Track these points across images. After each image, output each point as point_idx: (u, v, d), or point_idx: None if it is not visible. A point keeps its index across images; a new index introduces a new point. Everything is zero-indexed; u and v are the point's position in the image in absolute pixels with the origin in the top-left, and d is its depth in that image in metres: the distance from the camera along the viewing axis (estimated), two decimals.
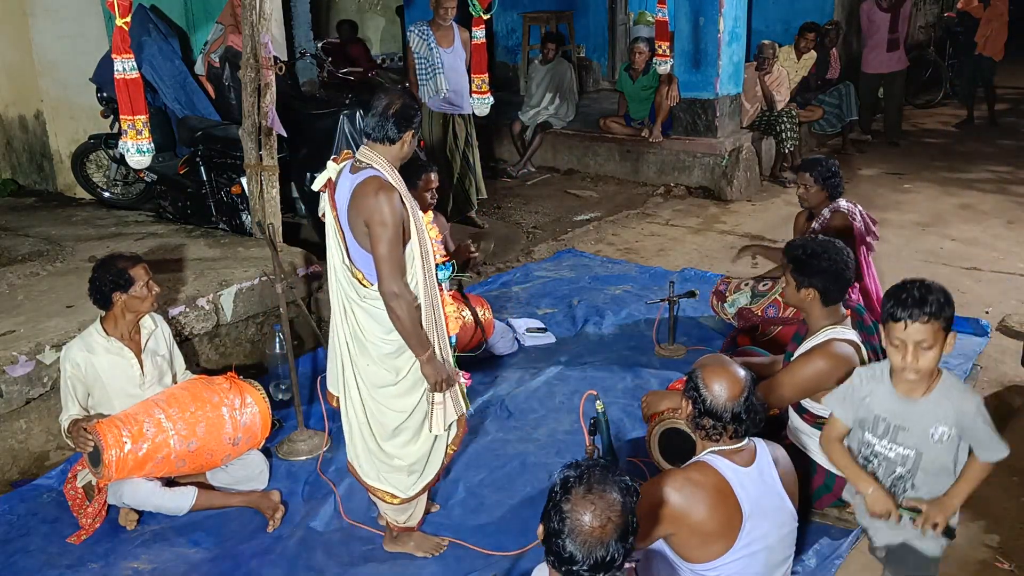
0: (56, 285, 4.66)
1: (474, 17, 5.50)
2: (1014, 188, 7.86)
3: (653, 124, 8.14)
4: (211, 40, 6.70)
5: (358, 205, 2.81)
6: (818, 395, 3.16)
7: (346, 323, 2.98)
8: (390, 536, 3.28)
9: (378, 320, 2.90)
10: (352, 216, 2.85)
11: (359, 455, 3.13)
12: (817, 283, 3.13)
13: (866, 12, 9.18)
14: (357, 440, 3.11)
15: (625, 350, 4.88)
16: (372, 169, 2.86)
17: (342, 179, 2.93)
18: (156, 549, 3.34)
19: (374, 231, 2.78)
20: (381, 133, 2.87)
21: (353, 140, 5.74)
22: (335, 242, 2.95)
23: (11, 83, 6.83)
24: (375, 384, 2.99)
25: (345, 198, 2.88)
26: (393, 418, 3.01)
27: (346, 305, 2.97)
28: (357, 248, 2.89)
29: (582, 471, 1.94)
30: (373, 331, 2.92)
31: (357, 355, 2.99)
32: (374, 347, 2.94)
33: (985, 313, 5.16)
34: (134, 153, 3.94)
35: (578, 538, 1.86)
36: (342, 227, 2.91)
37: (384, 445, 3.05)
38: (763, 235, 6.77)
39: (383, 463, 3.07)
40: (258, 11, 5.01)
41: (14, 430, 3.90)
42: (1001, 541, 3.26)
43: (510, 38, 11.11)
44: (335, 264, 2.97)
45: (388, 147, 2.89)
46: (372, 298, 2.89)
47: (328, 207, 2.95)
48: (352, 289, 2.93)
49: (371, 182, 2.81)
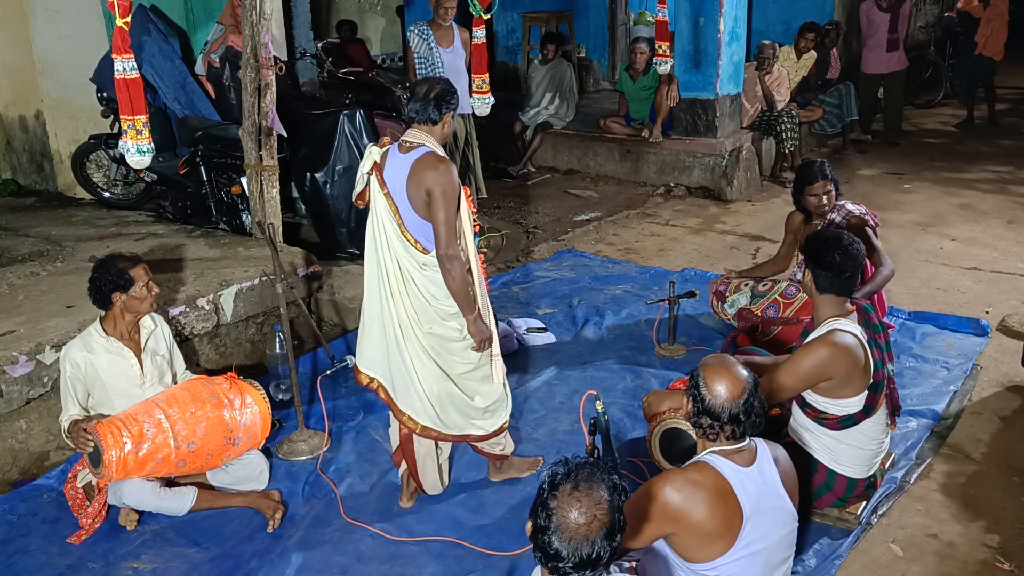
0: (56, 285, 4.66)
1: (474, 17, 5.50)
2: (1014, 188, 7.86)
3: (653, 124, 8.14)
4: (211, 40, 6.70)
5: (420, 177, 3.09)
6: (820, 388, 3.17)
7: (406, 293, 3.23)
8: (494, 468, 3.67)
9: (439, 284, 3.20)
10: (412, 189, 3.11)
11: (445, 410, 3.34)
12: (812, 268, 3.20)
13: (865, 12, 9.18)
14: (437, 397, 3.32)
15: (625, 350, 4.88)
16: (425, 146, 3.16)
17: (390, 160, 3.20)
18: (156, 549, 3.34)
19: (436, 199, 3.07)
20: (425, 115, 3.18)
21: (353, 140, 5.74)
22: (388, 219, 3.20)
23: (11, 83, 6.83)
24: (445, 339, 3.28)
25: (399, 175, 3.14)
26: (463, 368, 3.33)
27: (404, 277, 3.22)
28: (415, 219, 3.16)
29: (570, 468, 1.97)
30: (436, 295, 3.22)
31: (422, 320, 3.25)
32: (438, 310, 3.23)
33: (985, 313, 5.16)
34: (134, 153, 3.94)
35: (564, 535, 1.89)
36: (395, 203, 3.16)
37: (466, 389, 3.34)
38: (763, 235, 6.77)
39: (469, 407, 3.37)
40: (258, 11, 5.01)
41: (14, 430, 3.90)
42: (1001, 541, 3.26)
43: (510, 38, 11.12)
44: (387, 241, 3.21)
45: (432, 127, 3.21)
46: (432, 265, 3.18)
47: (378, 187, 3.21)
48: (411, 258, 3.20)
49: (430, 156, 3.12)
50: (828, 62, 9.05)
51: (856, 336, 3.15)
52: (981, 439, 3.93)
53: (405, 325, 3.27)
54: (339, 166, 5.71)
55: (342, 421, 4.22)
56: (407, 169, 3.13)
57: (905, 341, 4.82)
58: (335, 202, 5.74)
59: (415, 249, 3.18)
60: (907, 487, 3.57)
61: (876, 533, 3.31)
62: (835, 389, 3.16)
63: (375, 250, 3.27)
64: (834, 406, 3.19)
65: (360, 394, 4.47)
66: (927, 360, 4.62)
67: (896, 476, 3.61)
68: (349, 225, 5.80)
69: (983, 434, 3.97)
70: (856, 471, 3.27)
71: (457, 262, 3.13)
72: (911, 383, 4.37)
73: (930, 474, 3.67)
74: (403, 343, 3.29)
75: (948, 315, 5.10)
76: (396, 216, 3.18)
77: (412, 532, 3.39)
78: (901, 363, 4.53)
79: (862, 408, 3.18)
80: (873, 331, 3.26)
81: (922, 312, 5.18)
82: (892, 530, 3.33)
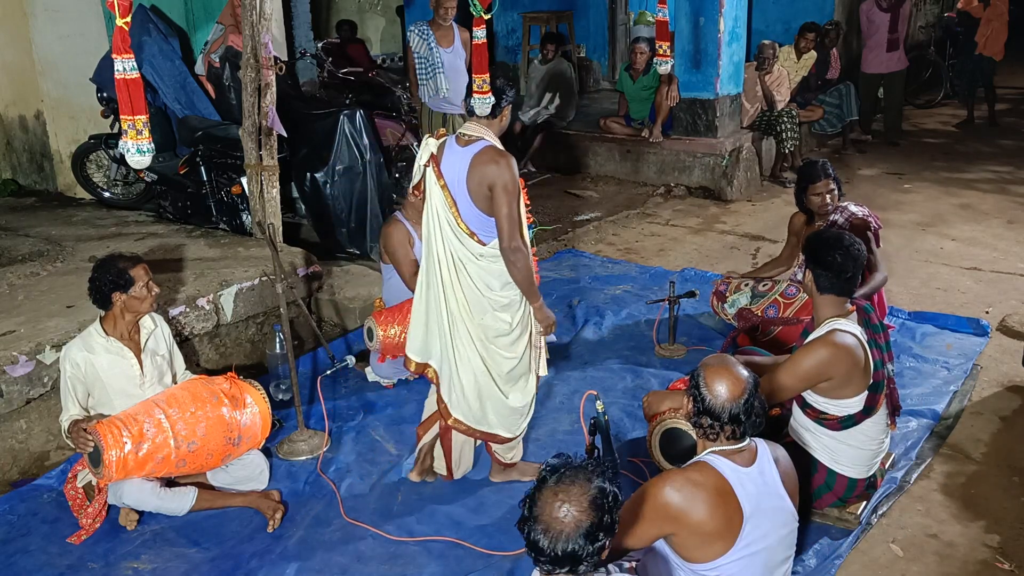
0: (56, 285, 4.66)
1: (474, 17, 5.49)
2: (1014, 188, 7.86)
3: (653, 124, 8.14)
4: (211, 40, 6.70)
5: (482, 172, 3.13)
6: (820, 388, 3.17)
7: (459, 284, 3.26)
8: (498, 469, 3.66)
9: (493, 275, 3.25)
10: (473, 183, 3.15)
11: (480, 406, 3.38)
12: (813, 268, 3.19)
13: (865, 12, 9.18)
14: (475, 392, 3.36)
15: (625, 350, 4.88)
16: (484, 140, 3.21)
17: (448, 152, 3.24)
18: (156, 549, 3.34)
19: (499, 194, 3.11)
20: (484, 109, 3.28)
21: (353, 140, 5.74)
22: (443, 210, 3.21)
23: (11, 83, 6.83)
24: (493, 334, 3.30)
25: (458, 168, 3.18)
26: (508, 364, 3.36)
27: (456, 267, 3.25)
28: (473, 211, 3.19)
29: (561, 463, 2.02)
30: (491, 285, 3.26)
31: (473, 311, 3.28)
32: (490, 301, 3.26)
33: (985, 313, 5.16)
34: (134, 153, 3.93)
35: (540, 526, 1.95)
36: (452, 195, 3.20)
37: (504, 389, 3.38)
38: (763, 235, 6.78)
39: (503, 406, 3.40)
40: (258, 11, 5.01)
41: (14, 430, 3.90)
42: (1001, 541, 3.26)
43: (510, 38, 11.11)
44: (441, 231, 3.23)
45: (491, 121, 3.29)
46: (488, 256, 3.22)
47: (434, 179, 3.23)
48: (465, 249, 3.22)
49: (490, 151, 3.17)
50: (828, 62, 9.05)
51: (856, 336, 3.15)
52: (981, 439, 3.93)
53: (455, 316, 3.30)
54: (339, 166, 5.71)
55: (342, 421, 4.22)
56: (467, 162, 3.17)
57: (905, 341, 4.82)
58: (335, 202, 5.74)
59: (472, 240, 3.21)
60: (907, 487, 3.57)
61: (876, 533, 3.31)
62: (835, 389, 3.16)
63: (429, 240, 3.30)
64: (834, 406, 3.19)
65: (360, 394, 4.48)
66: (927, 360, 4.62)
67: (896, 476, 3.61)
68: (349, 225, 5.80)
69: (983, 434, 3.97)
70: (856, 471, 3.27)
71: (521, 254, 3.18)
72: (911, 383, 4.37)
73: (930, 474, 3.67)
74: (451, 334, 3.33)
75: (948, 315, 5.10)
76: (453, 208, 3.21)
77: (412, 532, 3.39)
78: (901, 363, 4.53)
79: (862, 408, 3.18)
80: (873, 331, 3.26)
81: (922, 312, 5.18)
82: (892, 530, 3.33)
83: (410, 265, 4.54)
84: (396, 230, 4.54)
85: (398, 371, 4.53)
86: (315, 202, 5.83)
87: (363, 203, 5.79)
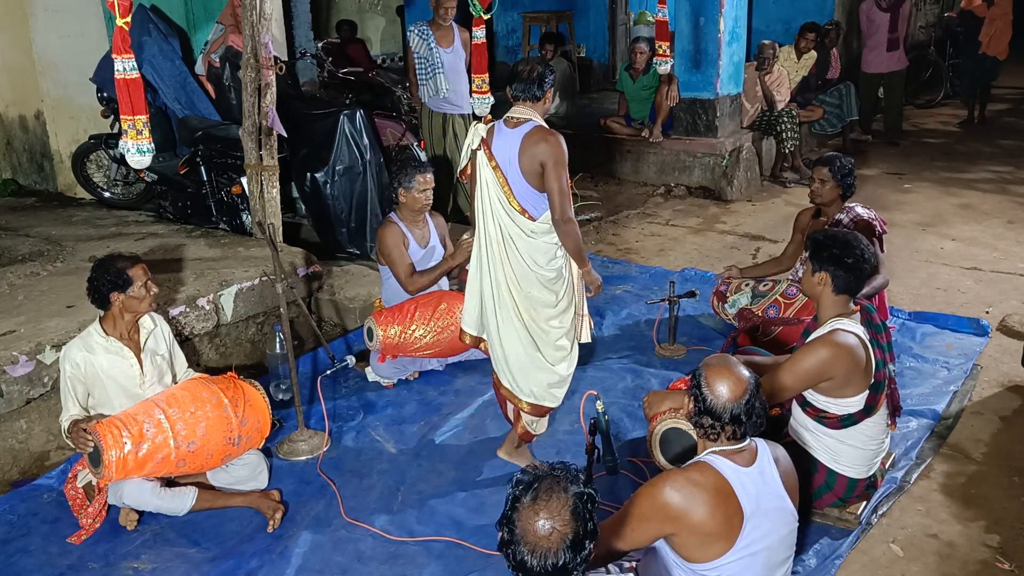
0: (56, 285, 4.66)
1: (474, 17, 5.50)
2: (1014, 188, 7.86)
3: (653, 124, 8.14)
4: (211, 40, 6.70)
5: (533, 150, 3.32)
6: (821, 387, 3.16)
7: (507, 260, 3.44)
8: (511, 447, 3.82)
9: (540, 251, 3.43)
10: (525, 162, 3.33)
11: (527, 377, 3.55)
12: (831, 269, 3.17)
13: (865, 12, 9.18)
14: (519, 364, 3.54)
15: (625, 350, 4.88)
16: (532, 121, 3.39)
17: (498, 136, 3.43)
18: (156, 549, 3.34)
19: (551, 169, 3.30)
20: (529, 93, 3.41)
21: (353, 140, 5.73)
22: (495, 190, 3.40)
23: (11, 83, 6.84)
24: (541, 305, 3.48)
25: (509, 149, 3.37)
26: (556, 333, 3.53)
27: (506, 243, 3.43)
28: (525, 188, 3.37)
29: (531, 479, 1.99)
30: (538, 260, 3.43)
31: (522, 284, 3.45)
32: (538, 276, 3.44)
33: (985, 313, 5.16)
34: (134, 153, 3.93)
35: (526, 547, 1.93)
36: (504, 175, 3.38)
37: (552, 358, 3.54)
38: (763, 235, 6.78)
39: (551, 375, 3.56)
40: (258, 11, 5.01)
41: (14, 430, 3.90)
42: (1001, 541, 3.25)
43: (510, 38, 11.12)
44: (492, 210, 3.42)
45: (536, 103, 3.44)
46: (539, 232, 3.40)
47: (485, 161, 3.41)
48: (516, 226, 3.41)
49: (540, 130, 3.36)
50: (828, 62, 9.05)
51: (858, 336, 3.14)
52: (981, 439, 3.93)
53: (502, 290, 3.48)
54: (339, 166, 5.71)
55: (342, 421, 4.22)
56: (517, 143, 3.35)
57: (905, 341, 4.82)
58: (335, 202, 5.74)
59: (523, 217, 3.39)
60: (907, 487, 3.57)
61: (876, 533, 3.31)
62: (836, 389, 3.15)
63: (480, 220, 3.48)
64: (834, 405, 3.19)
65: (360, 394, 4.48)
66: (927, 360, 4.62)
67: (896, 476, 3.61)
68: (349, 225, 5.80)
69: (983, 434, 3.97)
70: (856, 471, 3.27)
71: (572, 225, 3.38)
72: (911, 383, 4.37)
73: (930, 474, 3.67)
74: (497, 308, 3.51)
75: (948, 315, 5.10)
76: (505, 187, 3.39)
77: (412, 532, 3.39)
78: (901, 363, 4.53)
79: (863, 408, 3.18)
80: (875, 331, 3.26)
81: (922, 312, 5.18)
82: (892, 530, 3.33)
83: (405, 266, 4.54)
84: (391, 231, 4.54)
85: (398, 371, 4.54)
86: (315, 202, 5.83)
87: (363, 203, 5.79)
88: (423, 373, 4.65)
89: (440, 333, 4.39)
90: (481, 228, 3.49)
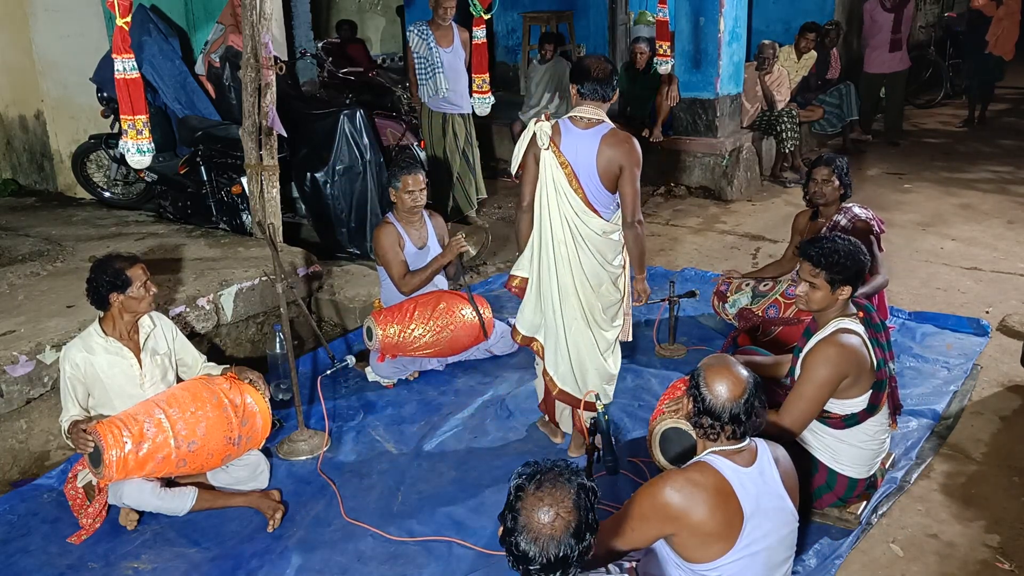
0: (56, 285, 4.66)
1: (474, 17, 5.50)
2: (1014, 188, 7.86)
3: (653, 124, 8.13)
4: (211, 40, 6.70)
5: (612, 153, 3.35)
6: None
7: (577, 259, 3.47)
8: (576, 445, 3.81)
9: (611, 248, 3.52)
10: (602, 162, 3.36)
11: (585, 377, 3.63)
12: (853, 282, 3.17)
13: (869, 12, 9.18)
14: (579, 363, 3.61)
15: (625, 350, 4.86)
16: (606, 123, 3.42)
17: (566, 136, 3.43)
18: (156, 549, 3.34)
19: (630, 171, 3.37)
20: (601, 94, 3.42)
21: (353, 140, 5.74)
22: (565, 190, 3.40)
23: (11, 83, 6.84)
24: (607, 304, 3.57)
25: (584, 150, 3.38)
26: (613, 332, 3.64)
27: (576, 243, 3.46)
28: (598, 189, 3.41)
29: (535, 470, 2.01)
30: (608, 258, 3.52)
31: (593, 283, 3.51)
32: (609, 273, 3.54)
33: (985, 313, 5.16)
34: (134, 153, 3.94)
35: (529, 535, 1.93)
36: (577, 175, 3.40)
37: (606, 355, 3.64)
38: (763, 235, 6.78)
39: (606, 373, 3.67)
40: (258, 11, 5.01)
41: (14, 430, 3.90)
42: (1001, 541, 3.25)
43: (510, 38, 11.11)
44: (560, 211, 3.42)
45: (604, 104, 3.45)
46: (608, 231, 3.47)
47: (555, 161, 3.40)
48: (587, 227, 3.44)
49: (618, 132, 3.40)
50: (828, 62, 9.05)
51: (860, 335, 3.14)
52: (981, 439, 3.93)
53: (567, 290, 3.51)
54: (339, 166, 5.71)
55: (342, 421, 4.22)
56: (595, 144, 3.37)
57: (905, 341, 4.82)
58: (335, 202, 5.74)
59: (595, 217, 3.43)
60: (907, 487, 3.57)
61: (876, 533, 3.31)
62: (844, 389, 3.14)
63: (545, 221, 3.47)
64: (839, 406, 3.18)
65: (360, 394, 4.48)
66: (927, 360, 4.62)
67: (896, 476, 3.61)
68: (349, 225, 5.81)
69: (983, 434, 3.97)
70: (857, 471, 3.27)
71: (642, 227, 3.48)
72: (911, 383, 4.37)
73: (930, 474, 3.67)
74: (560, 309, 3.55)
75: (948, 315, 5.10)
76: (577, 188, 3.39)
77: (412, 532, 3.39)
78: (901, 363, 4.53)
79: (866, 407, 3.18)
80: (875, 330, 3.25)
81: (922, 312, 5.18)
82: (892, 530, 3.33)
83: (400, 266, 4.54)
84: (386, 232, 4.54)
85: (398, 371, 4.54)
86: (315, 202, 5.83)
87: (363, 203, 5.79)
88: (423, 373, 4.65)
89: (439, 332, 4.40)
90: (547, 230, 3.48)
